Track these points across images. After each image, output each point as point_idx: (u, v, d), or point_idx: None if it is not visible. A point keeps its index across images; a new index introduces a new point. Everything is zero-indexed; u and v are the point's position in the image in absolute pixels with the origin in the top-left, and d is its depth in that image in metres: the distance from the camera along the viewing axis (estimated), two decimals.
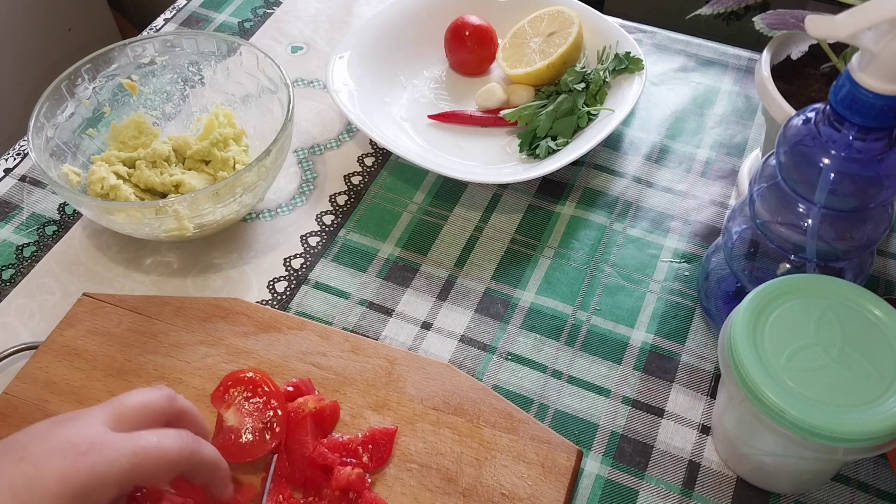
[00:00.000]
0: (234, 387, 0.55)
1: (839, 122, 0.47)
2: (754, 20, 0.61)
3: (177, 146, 0.69)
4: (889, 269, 0.67)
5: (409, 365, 0.59)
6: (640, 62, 0.75)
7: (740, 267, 0.58)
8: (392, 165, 0.75)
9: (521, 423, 0.56)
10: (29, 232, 0.70)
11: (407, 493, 0.53)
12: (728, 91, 0.81)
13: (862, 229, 0.52)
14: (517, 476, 0.53)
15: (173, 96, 0.74)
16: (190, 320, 0.62)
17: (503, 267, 0.67)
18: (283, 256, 0.68)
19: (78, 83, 0.69)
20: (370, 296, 0.66)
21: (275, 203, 0.72)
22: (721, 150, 0.76)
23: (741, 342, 0.47)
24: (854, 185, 0.49)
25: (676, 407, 0.59)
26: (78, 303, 0.63)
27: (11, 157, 0.76)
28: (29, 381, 0.58)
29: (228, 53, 0.72)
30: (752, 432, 0.50)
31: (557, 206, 0.71)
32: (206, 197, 0.61)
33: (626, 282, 0.66)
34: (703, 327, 0.63)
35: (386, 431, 0.55)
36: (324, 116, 0.79)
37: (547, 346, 0.62)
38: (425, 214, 0.71)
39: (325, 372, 0.59)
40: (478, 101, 0.79)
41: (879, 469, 0.56)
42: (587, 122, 0.74)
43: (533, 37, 0.80)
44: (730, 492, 0.55)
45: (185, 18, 0.89)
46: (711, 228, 0.69)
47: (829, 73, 0.63)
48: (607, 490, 0.55)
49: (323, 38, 0.87)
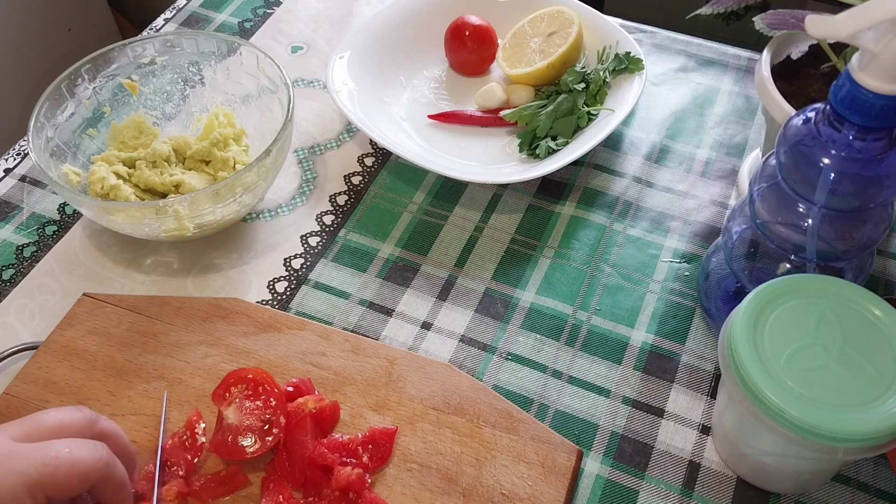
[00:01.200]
0: (235, 385, 0.55)
1: (839, 122, 0.47)
2: (754, 20, 0.61)
3: (177, 146, 0.69)
4: (889, 269, 0.67)
5: (409, 365, 0.59)
6: (640, 62, 0.75)
7: (740, 267, 0.58)
8: (392, 165, 0.75)
9: (521, 423, 0.56)
10: (29, 232, 0.70)
11: (407, 493, 0.53)
12: (728, 91, 0.81)
13: (862, 229, 0.52)
14: (517, 476, 0.53)
15: (173, 96, 0.74)
16: (190, 320, 0.62)
17: (503, 267, 0.67)
18: (283, 256, 0.68)
19: (78, 83, 0.69)
20: (370, 296, 0.66)
21: (275, 203, 0.72)
22: (721, 150, 0.76)
23: (741, 342, 0.47)
24: (854, 185, 0.49)
25: (676, 407, 0.59)
26: (78, 303, 0.63)
27: (11, 157, 0.76)
28: (29, 382, 0.58)
29: (228, 53, 0.72)
30: (752, 432, 0.50)
31: (557, 206, 0.71)
32: (206, 197, 0.61)
33: (626, 282, 0.66)
34: (703, 327, 0.63)
35: (386, 431, 0.55)
36: (324, 116, 0.79)
37: (547, 346, 0.62)
38: (425, 214, 0.71)
39: (325, 372, 0.59)
40: (478, 101, 0.79)
41: (879, 469, 0.56)
42: (587, 122, 0.74)
43: (533, 37, 0.80)
44: (730, 492, 0.55)
45: (185, 18, 0.89)
46: (711, 228, 0.69)
47: (829, 73, 0.63)
48: (607, 490, 0.55)
49: (323, 38, 0.87)
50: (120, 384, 0.58)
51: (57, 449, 0.44)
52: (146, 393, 0.58)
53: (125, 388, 0.58)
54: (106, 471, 0.46)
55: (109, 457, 0.46)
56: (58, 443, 0.44)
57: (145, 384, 0.58)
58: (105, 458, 0.46)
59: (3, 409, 0.57)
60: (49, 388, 0.58)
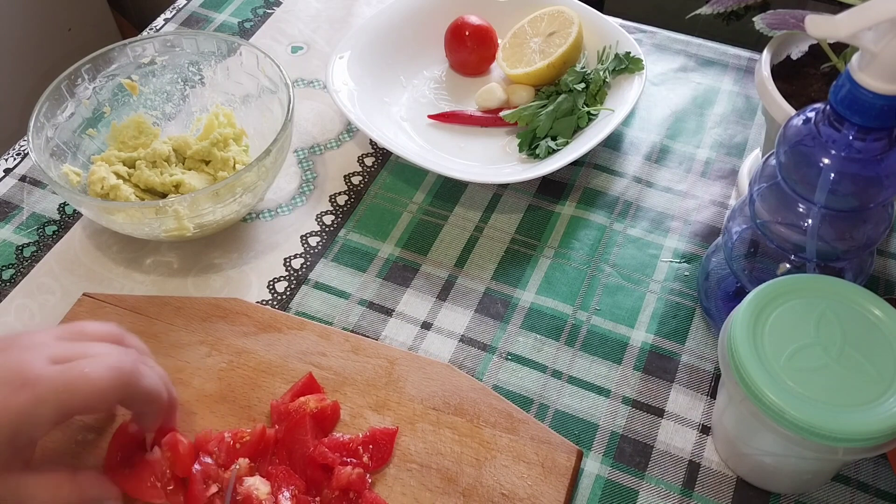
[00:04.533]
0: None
1: (839, 122, 0.47)
2: (754, 20, 0.61)
3: (177, 146, 0.69)
4: (889, 269, 0.67)
5: (409, 365, 0.59)
6: (640, 62, 0.75)
7: (740, 267, 0.58)
8: (392, 165, 0.75)
9: (521, 423, 0.56)
10: (29, 232, 0.70)
11: (407, 493, 0.53)
12: (728, 91, 0.81)
13: (862, 229, 0.52)
14: (517, 476, 0.53)
15: (173, 96, 0.74)
16: (190, 320, 0.62)
17: (503, 267, 0.67)
18: (283, 256, 0.68)
19: (78, 83, 0.69)
20: (370, 296, 0.66)
21: (275, 203, 0.72)
22: (721, 150, 0.76)
23: (741, 342, 0.47)
24: (854, 185, 0.49)
25: (676, 407, 0.59)
26: (78, 303, 0.63)
27: (11, 157, 0.76)
28: None
29: (228, 53, 0.72)
30: (752, 432, 0.50)
31: (557, 206, 0.71)
32: (206, 197, 0.61)
33: (626, 282, 0.66)
34: (703, 327, 0.63)
35: (386, 431, 0.55)
36: (324, 116, 0.79)
37: (547, 346, 0.62)
38: (425, 214, 0.71)
39: (325, 372, 0.59)
40: (478, 101, 0.79)
41: (879, 469, 0.56)
42: (587, 122, 0.74)
43: (533, 37, 0.80)
44: (730, 492, 0.55)
45: (185, 18, 0.89)
46: (711, 228, 0.69)
47: (829, 73, 0.63)
48: (607, 490, 0.55)
49: (323, 38, 0.87)
50: None
51: (75, 371, 0.46)
52: None
53: None
54: (126, 389, 0.47)
55: (132, 373, 0.48)
56: (78, 364, 0.46)
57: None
58: (127, 375, 0.47)
59: None
60: None
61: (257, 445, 0.53)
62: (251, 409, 0.57)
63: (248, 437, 0.53)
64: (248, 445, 0.53)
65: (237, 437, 0.53)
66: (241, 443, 0.53)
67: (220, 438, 0.53)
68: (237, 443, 0.53)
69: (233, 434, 0.54)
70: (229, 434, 0.54)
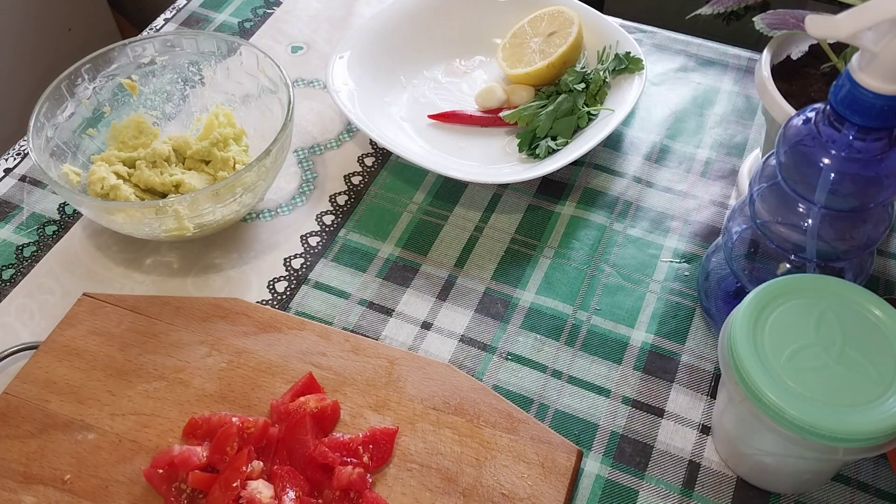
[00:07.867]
0: None
1: (839, 122, 0.47)
2: (754, 20, 0.61)
3: (177, 146, 0.69)
4: (889, 269, 0.67)
5: (409, 365, 0.59)
6: (640, 62, 0.75)
7: (740, 267, 0.58)
8: (392, 165, 0.75)
9: (521, 423, 0.56)
10: (29, 232, 0.70)
11: (407, 493, 0.53)
12: (728, 91, 0.81)
13: (862, 229, 0.52)
14: (517, 476, 0.53)
15: (173, 96, 0.74)
16: (190, 320, 0.62)
17: (503, 267, 0.67)
18: (283, 256, 0.68)
19: (78, 83, 0.69)
20: (370, 296, 0.66)
21: (275, 203, 0.72)
22: (721, 150, 0.76)
23: (741, 342, 0.47)
24: (854, 185, 0.49)
25: (676, 407, 0.59)
26: (78, 303, 0.63)
27: (11, 157, 0.76)
28: (29, 381, 0.58)
29: (228, 53, 0.72)
30: (752, 432, 0.50)
31: (557, 206, 0.71)
32: (206, 197, 0.61)
33: (626, 282, 0.66)
34: (703, 327, 0.63)
35: (386, 431, 0.55)
36: (324, 116, 0.79)
37: (547, 346, 0.62)
38: (425, 214, 0.71)
39: (325, 372, 0.59)
40: (478, 101, 0.79)
41: (879, 469, 0.56)
42: (587, 122, 0.74)
43: (533, 37, 0.80)
44: (730, 492, 0.55)
45: (185, 18, 0.89)
46: (711, 228, 0.69)
47: (829, 73, 0.63)
48: (607, 490, 0.55)
49: (323, 38, 0.87)
50: (120, 384, 0.58)
51: None
52: (146, 393, 0.58)
53: (125, 388, 0.58)
54: None
55: None
56: None
57: (145, 384, 0.58)
58: None
59: (3, 409, 0.57)
60: (49, 388, 0.58)
61: (261, 439, 0.54)
62: (251, 409, 0.57)
63: (252, 429, 0.54)
64: (254, 437, 0.54)
65: (244, 426, 0.54)
66: (248, 433, 0.53)
67: (228, 422, 0.54)
68: (244, 432, 0.54)
69: (241, 420, 0.54)
70: (237, 419, 0.54)
